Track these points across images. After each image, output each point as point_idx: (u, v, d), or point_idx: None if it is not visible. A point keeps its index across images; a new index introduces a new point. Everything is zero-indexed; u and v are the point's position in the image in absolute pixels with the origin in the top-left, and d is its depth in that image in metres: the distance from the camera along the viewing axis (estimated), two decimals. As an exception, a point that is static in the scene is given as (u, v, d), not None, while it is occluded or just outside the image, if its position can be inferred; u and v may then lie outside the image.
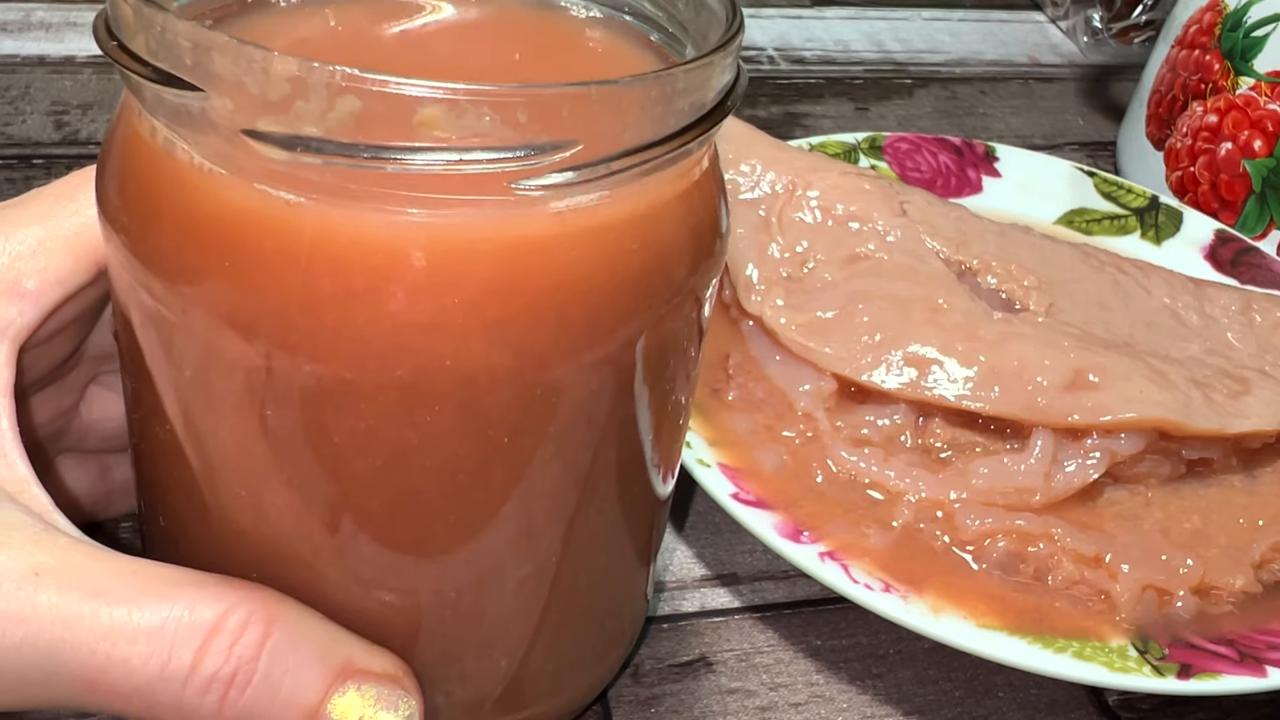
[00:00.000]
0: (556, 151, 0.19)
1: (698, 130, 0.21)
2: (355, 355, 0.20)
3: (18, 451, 0.24)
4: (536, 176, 0.19)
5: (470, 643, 0.25)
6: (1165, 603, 0.34)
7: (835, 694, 0.33)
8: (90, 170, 0.26)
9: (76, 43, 0.59)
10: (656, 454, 0.26)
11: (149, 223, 0.21)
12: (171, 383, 0.22)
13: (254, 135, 0.19)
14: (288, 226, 0.19)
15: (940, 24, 0.74)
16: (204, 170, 0.20)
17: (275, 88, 0.18)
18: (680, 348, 0.24)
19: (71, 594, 0.21)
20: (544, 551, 0.25)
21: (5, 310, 0.24)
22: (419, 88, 0.18)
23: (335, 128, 0.18)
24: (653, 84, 0.20)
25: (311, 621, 0.22)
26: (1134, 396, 0.36)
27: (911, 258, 0.41)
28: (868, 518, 0.35)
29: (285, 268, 0.20)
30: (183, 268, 0.21)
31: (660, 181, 0.21)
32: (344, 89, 0.18)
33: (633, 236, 0.21)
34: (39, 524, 0.22)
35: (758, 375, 0.39)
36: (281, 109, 0.18)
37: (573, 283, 0.20)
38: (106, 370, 0.30)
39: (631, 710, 0.32)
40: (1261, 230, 0.52)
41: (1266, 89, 0.51)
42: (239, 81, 0.18)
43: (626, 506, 0.26)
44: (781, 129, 0.60)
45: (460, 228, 0.20)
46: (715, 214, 0.24)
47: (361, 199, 0.19)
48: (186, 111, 0.19)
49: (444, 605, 0.24)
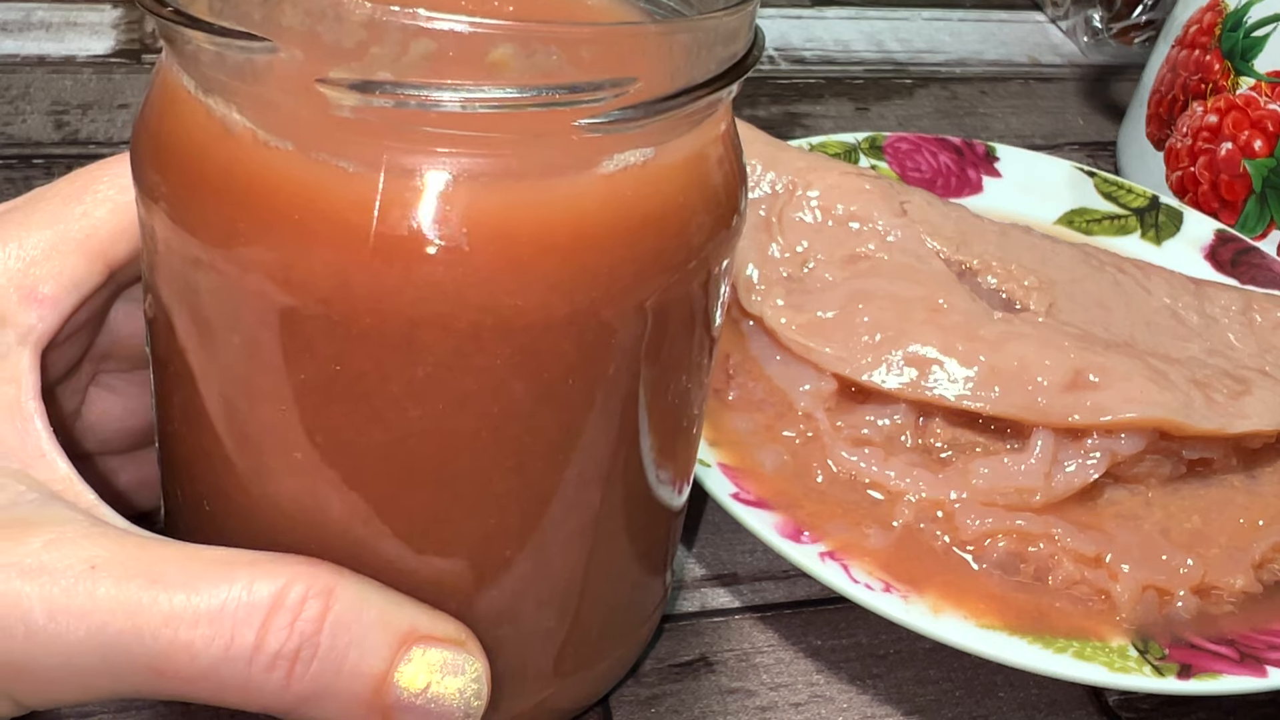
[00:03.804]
0: (618, 88, 0.20)
1: (732, 75, 0.22)
2: (417, 309, 0.21)
3: (56, 451, 0.24)
4: (599, 115, 0.20)
5: (525, 600, 0.26)
6: (1165, 603, 0.34)
7: (835, 694, 0.33)
8: (93, 167, 0.26)
9: (76, 43, 0.59)
10: (683, 414, 0.27)
11: (199, 195, 0.21)
12: (219, 355, 0.23)
13: (329, 84, 0.19)
14: (348, 194, 0.20)
15: (940, 24, 0.74)
16: (261, 141, 0.20)
17: (350, 34, 0.19)
18: (705, 304, 0.25)
19: (130, 584, 0.21)
20: (590, 503, 0.25)
21: (25, 316, 0.25)
22: (492, 27, 0.19)
23: (408, 71, 0.19)
24: (699, 26, 0.21)
25: (371, 590, 0.22)
26: (1134, 396, 0.36)
27: (912, 258, 0.41)
28: (868, 518, 0.35)
29: (345, 234, 0.20)
30: (235, 236, 0.21)
31: (697, 136, 0.23)
32: (420, 31, 0.18)
33: (673, 194, 0.22)
34: (88, 518, 0.22)
35: (758, 375, 0.39)
36: (355, 56, 0.19)
37: (622, 235, 0.22)
38: (105, 370, 0.30)
39: (631, 710, 0.32)
40: (1262, 230, 0.52)
41: (1267, 89, 0.51)
42: (312, 31, 0.19)
43: (660, 460, 0.27)
44: (781, 129, 0.60)
45: (517, 190, 0.20)
46: (735, 189, 0.25)
47: (421, 160, 0.20)
48: (252, 70, 0.20)
49: (498, 563, 0.25)
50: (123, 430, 0.30)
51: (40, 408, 0.24)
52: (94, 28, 0.60)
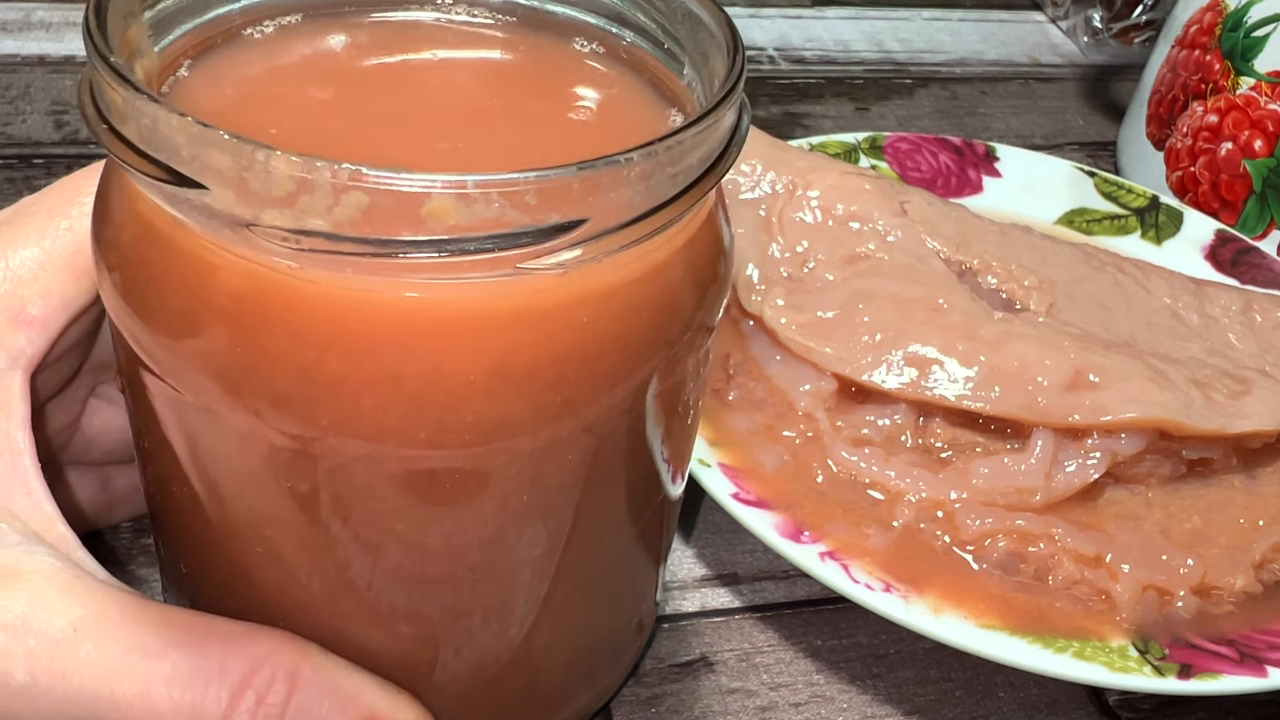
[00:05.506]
0: (565, 232, 0.19)
1: (707, 182, 0.20)
2: (369, 429, 0.20)
3: (42, 489, 0.24)
4: (546, 256, 0.19)
5: (492, 659, 0.26)
6: (1166, 603, 0.34)
7: (835, 694, 0.33)
8: (78, 176, 0.26)
9: (76, 43, 0.59)
10: (672, 465, 0.26)
11: (147, 284, 0.21)
12: (177, 439, 0.22)
13: (258, 229, 0.18)
14: (293, 301, 0.19)
15: (940, 24, 0.74)
16: (206, 242, 0.19)
17: (279, 185, 0.18)
18: (696, 370, 0.24)
19: (111, 648, 0.21)
20: (569, 567, 0.25)
21: (14, 339, 0.24)
22: (427, 182, 0.17)
23: (342, 221, 0.18)
24: (661, 153, 0.19)
25: (334, 672, 0.23)
26: (1134, 396, 0.36)
27: (912, 258, 0.41)
28: (868, 518, 0.35)
29: (290, 342, 0.19)
30: (178, 330, 0.20)
31: (669, 233, 0.21)
32: (349, 186, 0.17)
33: (645, 288, 0.21)
34: (69, 568, 0.23)
35: (758, 375, 0.39)
36: (286, 204, 0.18)
37: (589, 340, 0.20)
38: (104, 381, 0.29)
39: (632, 710, 0.32)
40: (1262, 230, 0.52)
41: (1267, 89, 0.51)
42: (240, 178, 0.18)
43: (643, 516, 0.26)
44: (781, 129, 0.60)
45: (466, 303, 0.19)
46: (719, 245, 0.24)
47: (370, 274, 0.19)
48: (185, 199, 0.19)
49: (466, 627, 0.25)
50: (123, 441, 0.30)
51: (29, 440, 0.24)
52: (94, 28, 0.60)
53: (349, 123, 0.23)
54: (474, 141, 0.23)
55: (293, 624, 0.23)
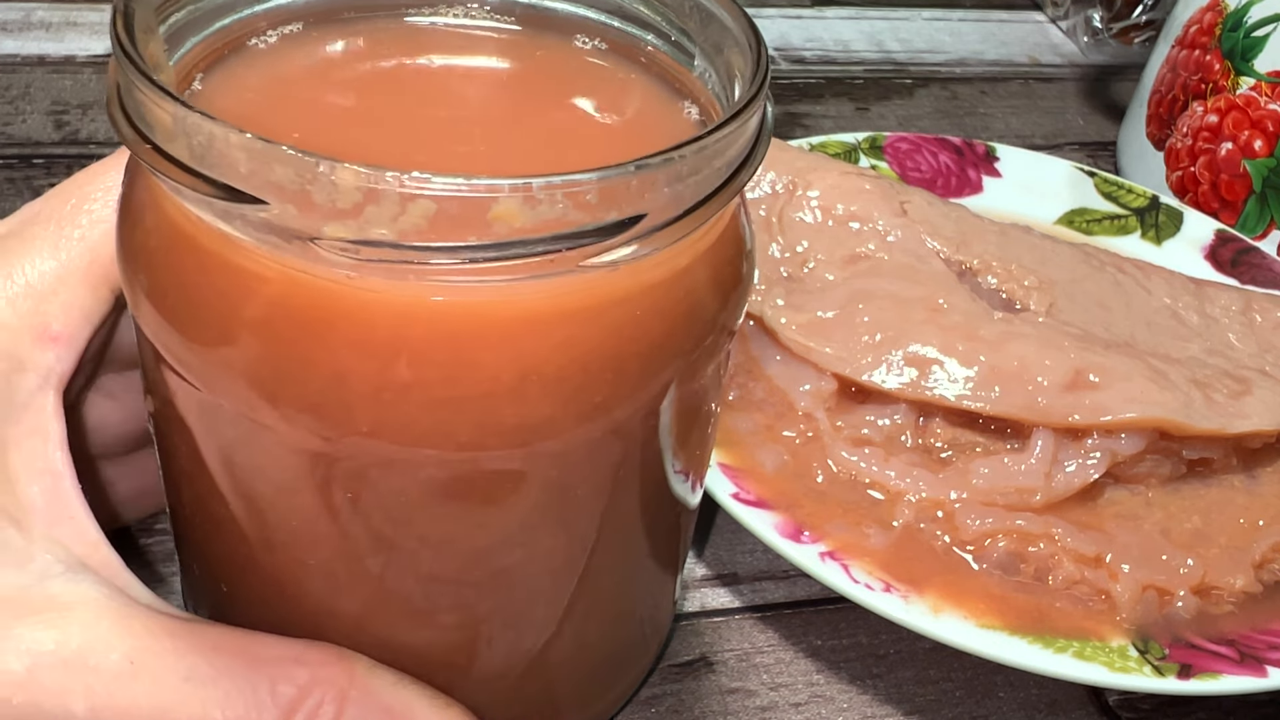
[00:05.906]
0: (626, 228, 0.19)
1: (745, 172, 0.21)
2: (421, 430, 0.20)
3: (85, 513, 0.23)
4: (606, 253, 0.19)
5: (521, 659, 0.26)
6: (1166, 603, 0.34)
7: (835, 694, 0.33)
8: (80, 180, 0.25)
9: (76, 43, 0.59)
10: (692, 472, 0.26)
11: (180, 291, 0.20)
12: (211, 455, 0.22)
13: (322, 242, 0.18)
14: (350, 310, 0.19)
15: (940, 24, 0.74)
16: (251, 251, 0.19)
17: (345, 197, 0.18)
18: (717, 374, 0.25)
19: (167, 678, 0.22)
20: (594, 571, 0.25)
21: (42, 358, 0.24)
22: (493, 187, 0.17)
23: (407, 230, 0.18)
24: (710, 146, 0.20)
25: (382, 689, 0.23)
26: (1134, 396, 0.36)
27: (912, 258, 0.41)
28: (868, 518, 0.35)
29: (345, 350, 0.19)
30: (214, 338, 0.20)
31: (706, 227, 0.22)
32: (416, 194, 0.17)
33: (680, 285, 0.22)
34: (116, 596, 0.22)
35: (758, 375, 0.39)
36: (351, 215, 0.18)
37: (628, 338, 0.21)
38: (101, 374, 0.29)
39: (632, 710, 0.32)
40: (1262, 230, 0.52)
41: (1267, 89, 0.51)
42: (303, 191, 0.18)
43: (664, 521, 0.26)
44: (781, 129, 0.60)
45: (519, 304, 0.20)
46: (741, 246, 0.24)
47: (429, 279, 0.19)
48: (241, 215, 0.18)
49: (488, 630, 0.25)
50: (121, 435, 0.30)
51: (68, 461, 0.23)
52: (94, 28, 0.60)
53: (366, 130, 0.23)
54: (491, 143, 0.23)
55: (332, 631, 0.23)
